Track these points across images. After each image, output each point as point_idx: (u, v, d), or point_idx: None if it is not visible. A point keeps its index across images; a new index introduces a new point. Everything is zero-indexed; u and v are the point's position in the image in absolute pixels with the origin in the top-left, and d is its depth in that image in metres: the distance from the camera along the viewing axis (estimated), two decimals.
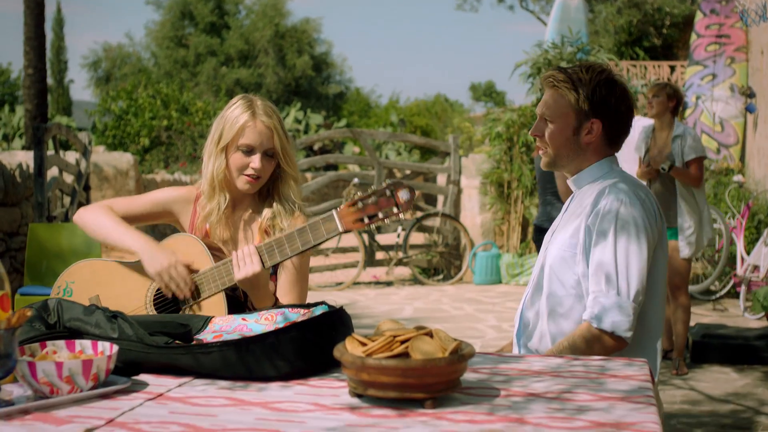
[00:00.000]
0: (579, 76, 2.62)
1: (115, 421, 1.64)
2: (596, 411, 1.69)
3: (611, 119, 2.64)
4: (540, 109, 2.69)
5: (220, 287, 2.51)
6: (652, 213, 2.60)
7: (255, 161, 2.71)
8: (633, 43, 17.75)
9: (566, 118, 2.64)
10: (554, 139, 2.67)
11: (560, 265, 2.63)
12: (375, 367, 1.69)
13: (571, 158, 2.69)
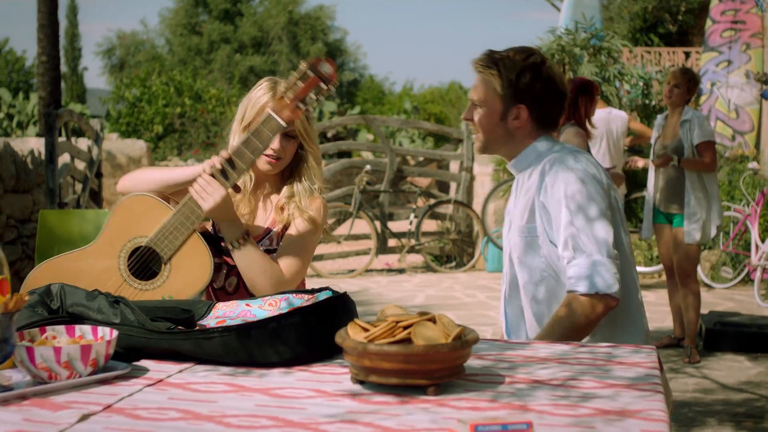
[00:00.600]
0: (505, 63, 2.60)
1: (113, 406, 1.62)
2: (601, 398, 1.66)
3: (538, 104, 2.62)
4: (470, 94, 2.70)
5: (191, 228, 2.46)
6: (598, 174, 2.59)
7: (275, 142, 2.67)
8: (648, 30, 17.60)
9: (492, 104, 2.63)
10: (483, 125, 2.66)
11: (525, 253, 2.62)
12: (376, 353, 1.66)
13: (503, 143, 2.68)
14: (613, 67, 10.02)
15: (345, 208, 10.61)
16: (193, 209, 2.46)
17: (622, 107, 10.49)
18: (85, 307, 2.06)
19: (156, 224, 2.47)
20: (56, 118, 7.20)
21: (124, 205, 2.53)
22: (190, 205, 2.46)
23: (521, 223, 2.63)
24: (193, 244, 2.48)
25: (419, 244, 10.87)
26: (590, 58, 9.91)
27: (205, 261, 2.48)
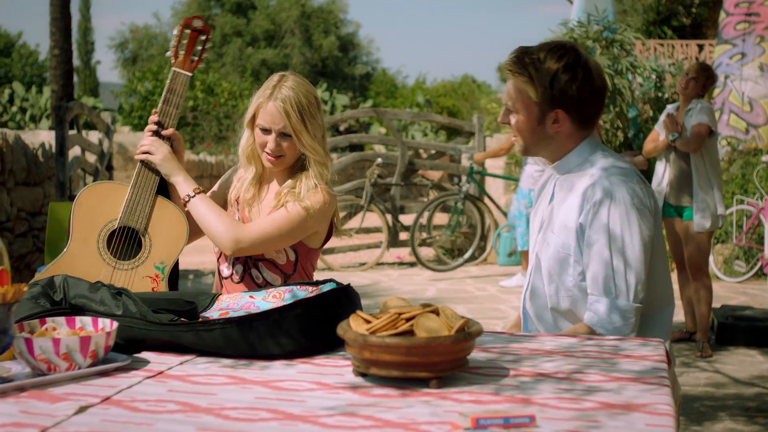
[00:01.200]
0: (536, 65, 2.46)
1: (112, 398, 1.60)
2: (606, 392, 1.63)
3: (576, 107, 2.49)
4: (504, 98, 2.57)
5: (152, 192, 2.64)
6: (644, 196, 2.47)
7: (270, 141, 2.72)
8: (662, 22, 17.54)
9: (529, 110, 2.51)
10: (521, 130, 2.55)
11: (554, 266, 2.52)
12: (378, 345, 1.64)
13: (544, 146, 2.57)
14: (626, 59, 9.96)
15: (356, 201, 10.59)
16: (147, 173, 2.65)
17: (634, 100, 10.44)
18: (88, 298, 2.05)
19: (119, 204, 2.61)
20: (66, 111, 7.20)
21: (81, 200, 2.63)
22: (143, 170, 2.65)
23: (555, 234, 2.54)
24: (160, 206, 2.64)
25: (430, 237, 10.83)
26: (602, 50, 9.86)
27: (177, 215, 2.65)
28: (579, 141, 2.55)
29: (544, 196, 2.68)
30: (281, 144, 2.72)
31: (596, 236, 2.43)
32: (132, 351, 1.93)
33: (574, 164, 2.55)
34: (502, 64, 2.55)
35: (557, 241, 2.51)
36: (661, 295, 2.55)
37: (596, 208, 2.43)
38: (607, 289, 2.42)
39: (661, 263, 2.55)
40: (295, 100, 2.69)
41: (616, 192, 2.43)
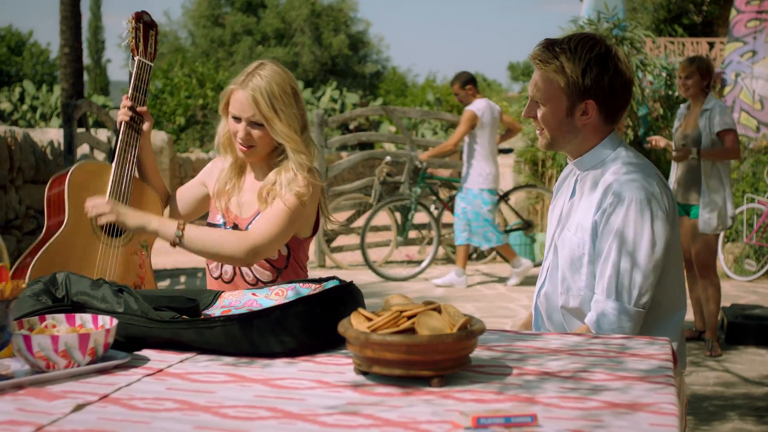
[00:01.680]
0: (567, 55, 2.42)
1: (110, 396, 1.58)
2: (611, 391, 1.61)
3: (606, 98, 2.45)
4: (530, 90, 2.52)
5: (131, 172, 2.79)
6: (661, 199, 2.42)
7: (240, 130, 2.70)
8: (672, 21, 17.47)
9: (558, 101, 2.46)
10: (548, 123, 2.49)
11: (568, 263, 2.50)
12: (379, 343, 1.62)
13: (569, 139, 2.52)
14: (636, 57, 9.91)
15: (365, 199, 10.57)
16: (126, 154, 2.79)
17: (644, 98, 10.39)
18: (89, 296, 2.03)
19: (106, 183, 2.76)
20: (75, 108, 7.20)
21: (72, 179, 2.77)
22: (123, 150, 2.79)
23: (572, 233, 2.50)
24: (137, 186, 2.84)
25: (440, 235, 10.80)
26: None
27: (152, 195, 2.88)
28: (603, 136, 2.52)
29: (563, 191, 2.65)
30: (251, 133, 2.69)
31: (607, 237, 2.40)
32: (133, 348, 1.92)
33: (597, 161, 2.51)
34: (530, 55, 2.50)
35: (573, 240, 2.48)
36: (674, 298, 2.52)
37: (610, 209, 2.40)
38: (610, 290, 2.39)
39: (676, 266, 2.51)
40: (266, 89, 2.66)
41: (632, 193, 2.39)
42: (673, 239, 2.47)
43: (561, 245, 2.53)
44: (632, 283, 2.38)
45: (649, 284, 2.40)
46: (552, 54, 2.44)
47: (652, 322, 2.49)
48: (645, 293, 2.40)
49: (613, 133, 2.53)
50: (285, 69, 2.75)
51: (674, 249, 2.48)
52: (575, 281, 2.48)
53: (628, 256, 2.38)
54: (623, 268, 2.38)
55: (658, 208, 2.40)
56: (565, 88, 2.43)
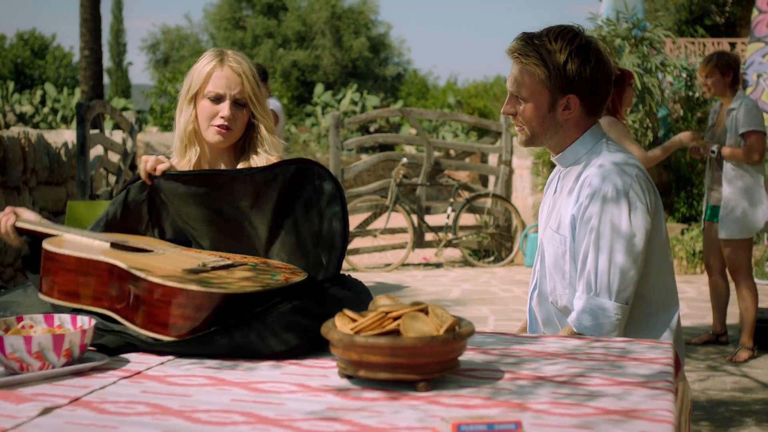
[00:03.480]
0: (548, 48, 2.34)
1: (81, 399, 1.52)
2: (607, 397, 1.53)
3: (589, 91, 2.38)
4: (510, 86, 2.43)
5: None
6: (641, 192, 2.35)
7: (224, 109, 2.56)
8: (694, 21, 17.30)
9: (539, 96, 2.38)
10: (529, 119, 2.41)
11: (555, 264, 2.43)
12: (363, 346, 1.55)
13: (550, 135, 2.44)
14: (655, 58, 9.79)
15: (381, 201, 10.50)
16: None
17: (664, 99, 10.26)
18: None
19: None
20: (87, 109, 7.17)
21: None
22: None
23: (554, 230, 2.45)
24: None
25: (456, 238, 10.72)
26: (632, 48, 9.69)
27: None
28: (585, 130, 2.45)
29: (548, 189, 2.58)
30: (235, 113, 2.57)
31: (584, 231, 2.34)
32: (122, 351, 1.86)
33: (578, 156, 2.44)
34: (508, 49, 2.42)
35: (555, 237, 2.42)
36: (663, 295, 2.44)
37: (586, 202, 2.34)
38: (589, 286, 2.33)
39: (663, 261, 2.43)
40: (248, 66, 2.60)
41: (608, 186, 2.33)
42: (657, 233, 2.40)
43: (546, 244, 2.47)
44: (611, 278, 2.31)
45: (630, 278, 2.32)
46: (531, 47, 2.36)
47: (640, 320, 2.41)
48: (625, 288, 2.32)
49: (594, 127, 2.47)
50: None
51: (658, 243, 2.41)
52: (560, 280, 2.41)
53: (605, 250, 2.31)
54: (601, 263, 2.32)
55: (636, 199, 2.33)
56: (546, 82, 2.36)
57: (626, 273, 2.31)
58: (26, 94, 26.25)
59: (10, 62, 38.24)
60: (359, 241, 11.13)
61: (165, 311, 1.82)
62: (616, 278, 2.31)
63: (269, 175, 2.18)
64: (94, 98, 17.22)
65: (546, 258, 2.48)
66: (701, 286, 8.50)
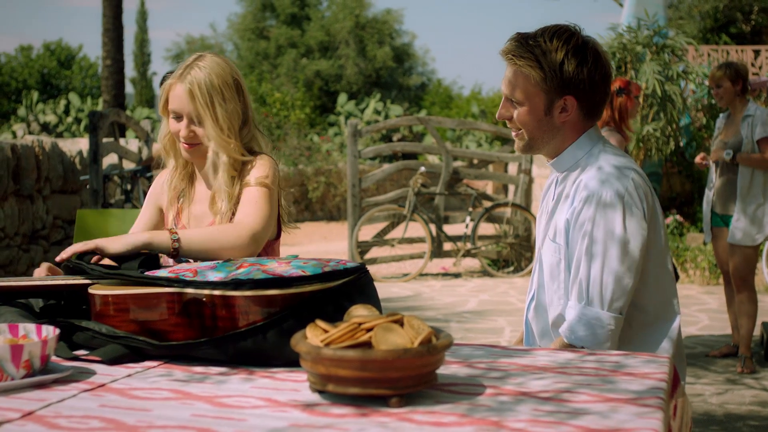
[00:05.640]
0: (543, 48, 2.25)
1: (34, 414, 1.44)
2: (592, 415, 1.43)
3: (586, 92, 2.28)
4: (504, 89, 2.34)
5: None
6: (637, 198, 2.25)
7: (182, 128, 2.52)
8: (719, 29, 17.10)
9: (535, 99, 2.28)
10: (525, 123, 2.32)
11: (550, 274, 2.34)
12: (331, 359, 1.46)
13: (548, 140, 2.34)
14: (677, 65, 9.65)
15: (399, 210, 10.41)
16: None
17: (686, 107, 10.11)
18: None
19: None
20: (100, 118, 7.14)
21: None
22: None
23: (551, 237, 2.36)
24: None
25: (475, 247, 10.61)
26: (653, 56, 9.56)
27: None
28: (582, 133, 2.35)
29: (545, 197, 2.49)
30: (195, 130, 2.50)
31: (577, 238, 2.25)
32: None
33: (574, 160, 2.35)
34: (502, 50, 2.33)
35: (551, 246, 2.32)
36: (660, 306, 2.33)
37: (580, 207, 2.24)
38: (581, 295, 2.23)
39: (660, 270, 2.32)
40: (205, 81, 2.47)
41: (602, 190, 2.23)
42: (656, 240, 2.30)
43: (544, 254, 2.37)
44: (604, 287, 2.21)
45: (623, 287, 2.22)
46: (526, 48, 2.27)
47: (639, 331, 2.31)
48: (619, 297, 2.22)
49: (592, 130, 2.37)
50: (227, 60, 2.58)
51: (656, 251, 2.30)
52: (556, 290, 2.31)
53: (598, 257, 2.22)
54: (594, 271, 2.22)
55: (632, 205, 2.23)
56: (542, 84, 2.27)
57: (620, 281, 2.22)
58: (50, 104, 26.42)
59: (36, 72, 38.56)
60: (377, 250, 11.05)
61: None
62: (610, 287, 2.21)
63: None
64: (115, 107, 17.28)
65: (543, 268, 2.38)
66: (723, 296, 8.34)
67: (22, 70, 38.34)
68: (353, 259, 10.23)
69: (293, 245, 14.13)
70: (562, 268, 2.29)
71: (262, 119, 22.28)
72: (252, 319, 1.75)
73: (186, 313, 1.81)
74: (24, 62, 39.04)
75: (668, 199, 10.81)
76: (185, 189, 2.65)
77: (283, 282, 1.75)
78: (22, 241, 7.11)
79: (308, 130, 24.17)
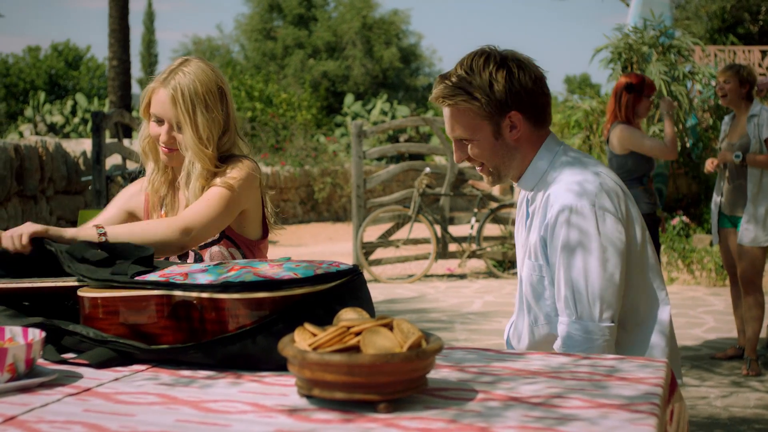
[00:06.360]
0: (467, 79, 2.24)
1: (16, 419, 1.42)
2: (582, 421, 1.40)
3: (525, 101, 2.26)
4: (450, 133, 2.32)
5: None
6: (611, 203, 2.22)
7: (162, 133, 2.50)
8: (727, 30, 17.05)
9: (481, 129, 2.27)
10: (482, 156, 2.30)
11: (532, 292, 2.31)
12: (317, 363, 1.43)
13: (509, 163, 2.32)
14: (683, 66, 9.61)
15: (404, 211, 10.39)
16: None
17: (693, 108, 10.07)
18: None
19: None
20: (103, 118, 7.13)
21: None
22: None
23: (528, 257, 2.33)
24: None
25: (480, 248, 10.58)
26: (659, 56, 9.53)
27: None
28: (539, 145, 2.32)
29: (520, 218, 2.46)
30: (175, 136, 2.49)
31: (554, 253, 2.22)
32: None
33: (540, 174, 2.32)
34: (432, 97, 2.32)
35: (529, 265, 2.30)
36: (649, 302, 2.30)
37: (552, 221, 2.22)
38: (570, 310, 2.20)
39: (643, 268, 2.30)
40: (188, 87, 2.45)
41: (570, 200, 2.21)
42: (633, 238, 2.27)
43: (524, 274, 2.35)
44: (591, 299, 2.19)
45: (610, 296, 2.20)
46: (452, 86, 2.26)
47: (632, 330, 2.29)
48: (608, 307, 2.20)
49: (549, 138, 2.35)
50: (212, 66, 2.55)
51: (636, 250, 2.28)
52: (541, 308, 2.29)
53: (580, 270, 2.19)
54: (578, 284, 2.19)
55: (604, 210, 2.21)
56: (481, 112, 2.24)
57: (605, 291, 2.19)
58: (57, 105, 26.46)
59: (44, 73, 38.66)
60: (381, 251, 11.03)
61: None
62: (597, 298, 2.19)
63: None
64: (121, 108, 17.28)
65: (524, 288, 2.36)
66: (729, 298, 8.30)
67: (29, 71, 38.45)
68: (358, 260, 10.21)
69: (298, 246, 14.13)
70: (546, 285, 2.27)
71: (269, 120, 22.28)
72: (241, 323, 1.73)
73: (175, 315, 1.79)
74: (32, 63, 39.15)
75: (675, 200, 10.77)
76: (167, 196, 2.63)
77: (272, 284, 1.73)
78: None
79: (315, 130, 24.17)
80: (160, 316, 1.80)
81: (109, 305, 1.84)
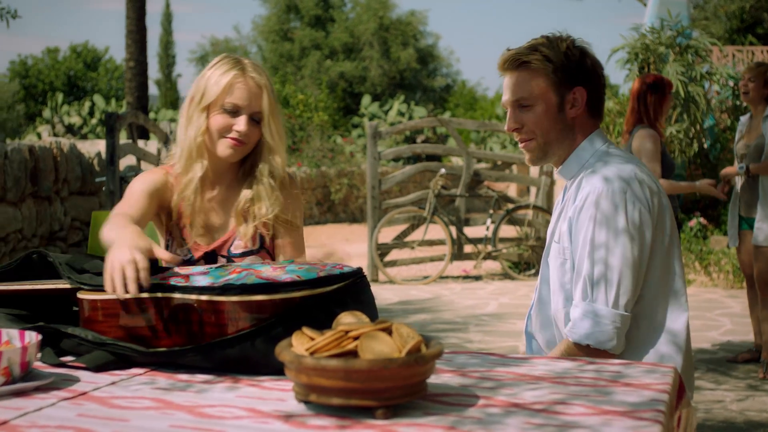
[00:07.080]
0: (545, 45, 2.27)
1: (8, 423, 1.40)
2: (583, 428, 1.37)
3: (593, 83, 2.29)
4: (511, 96, 2.29)
5: None
6: (641, 192, 2.20)
7: (240, 123, 2.38)
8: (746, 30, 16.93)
9: (546, 96, 2.26)
10: (541, 125, 2.27)
11: (560, 276, 2.28)
12: (314, 368, 1.41)
13: (561, 141, 2.30)
14: (701, 66, 9.53)
15: (419, 212, 10.36)
16: None
17: (710, 109, 9.99)
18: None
19: None
20: (117, 119, 7.14)
21: None
22: None
23: (556, 241, 2.32)
24: None
25: (496, 250, 10.53)
26: (676, 57, 9.46)
27: None
28: (588, 134, 2.33)
29: (556, 211, 2.43)
30: (251, 128, 2.41)
31: (578, 236, 2.20)
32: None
33: (581, 163, 2.31)
34: (502, 60, 2.31)
35: (556, 247, 2.28)
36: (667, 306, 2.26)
37: (581, 204, 2.20)
38: (585, 293, 2.18)
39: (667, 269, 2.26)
40: (267, 78, 2.43)
41: (603, 186, 2.19)
42: (661, 238, 2.24)
43: (551, 259, 2.32)
44: (608, 283, 2.17)
45: (628, 284, 2.17)
46: (527, 51, 2.27)
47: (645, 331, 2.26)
48: (624, 293, 2.17)
49: (597, 132, 2.34)
50: None
51: (662, 249, 2.24)
52: (568, 290, 2.26)
53: (601, 251, 2.16)
54: (597, 268, 2.17)
55: (635, 200, 2.18)
56: (552, 77, 2.25)
57: (624, 278, 2.17)
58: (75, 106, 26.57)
59: (63, 74, 38.84)
60: (396, 253, 11.00)
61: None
62: (614, 284, 2.17)
63: None
64: (139, 109, 17.32)
65: (550, 275, 2.33)
66: (747, 301, 8.23)
67: (48, 72, 38.64)
68: (373, 261, 10.18)
69: (314, 247, 14.11)
70: (568, 268, 2.24)
71: (286, 121, 22.27)
72: (240, 326, 1.70)
73: (174, 318, 1.77)
74: (50, 64, 39.34)
75: (692, 201, 10.69)
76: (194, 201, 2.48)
77: (271, 287, 1.70)
78: (39, 243, 7.12)
79: (331, 131, 24.15)
80: (159, 319, 1.78)
81: (108, 308, 1.83)
